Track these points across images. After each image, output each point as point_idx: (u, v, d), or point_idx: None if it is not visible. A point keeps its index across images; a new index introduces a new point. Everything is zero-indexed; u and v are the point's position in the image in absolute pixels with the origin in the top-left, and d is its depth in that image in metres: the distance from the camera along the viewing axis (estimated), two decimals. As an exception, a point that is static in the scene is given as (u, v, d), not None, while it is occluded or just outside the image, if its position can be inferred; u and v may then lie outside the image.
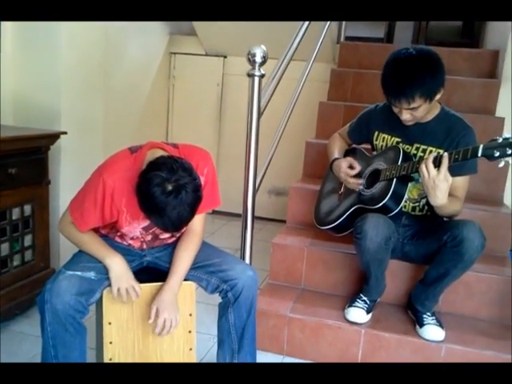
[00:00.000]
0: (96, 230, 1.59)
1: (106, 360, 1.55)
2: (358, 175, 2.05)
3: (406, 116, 1.84)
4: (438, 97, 1.81)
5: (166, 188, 1.33)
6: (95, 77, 2.71)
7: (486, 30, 3.76)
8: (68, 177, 2.51)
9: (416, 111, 1.81)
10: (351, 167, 2.05)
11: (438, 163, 1.69)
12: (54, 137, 2.21)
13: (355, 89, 3.18)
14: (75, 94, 2.54)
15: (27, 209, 2.13)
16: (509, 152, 1.55)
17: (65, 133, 2.24)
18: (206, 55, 3.92)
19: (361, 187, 2.02)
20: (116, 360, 1.56)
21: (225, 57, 3.88)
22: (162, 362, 1.62)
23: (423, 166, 1.70)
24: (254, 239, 2.09)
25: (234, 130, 3.95)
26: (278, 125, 2.53)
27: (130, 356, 1.58)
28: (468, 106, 2.06)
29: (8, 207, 2.03)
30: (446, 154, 1.69)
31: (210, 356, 1.98)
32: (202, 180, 1.52)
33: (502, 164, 1.58)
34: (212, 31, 3.62)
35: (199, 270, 1.64)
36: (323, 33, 2.94)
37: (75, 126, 2.51)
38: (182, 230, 1.59)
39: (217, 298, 1.69)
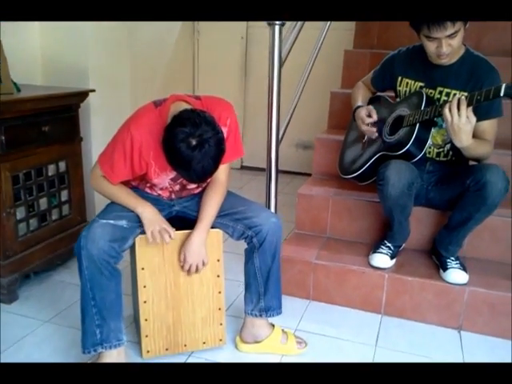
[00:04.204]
0: (127, 183, 1.66)
1: (141, 303, 1.66)
2: (380, 121, 2.05)
3: (446, 48, 1.78)
4: (467, 25, 1.77)
5: (191, 143, 1.38)
6: (120, 34, 2.74)
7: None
8: (98, 134, 2.59)
9: (454, 39, 1.76)
10: (369, 116, 2.06)
11: (459, 106, 1.68)
12: (84, 94, 2.27)
13: (382, 35, 3.12)
14: (102, 51, 2.59)
15: (62, 165, 2.23)
16: (534, 91, 1.53)
17: (93, 90, 2.30)
18: (230, 8, 3.87)
19: (376, 134, 2.03)
20: (150, 303, 1.66)
21: (248, 8, 3.83)
22: (193, 304, 1.72)
23: (446, 110, 1.70)
24: (281, 192, 2.15)
25: (260, 84, 3.91)
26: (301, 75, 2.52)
27: (163, 299, 1.68)
28: (500, 49, 2.00)
29: (44, 164, 2.13)
30: (463, 97, 1.68)
31: (239, 301, 2.07)
32: (225, 131, 1.56)
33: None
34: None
35: (225, 217, 1.70)
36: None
37: (103, 83, 2.57)
38: (208, 181, 1.65)
39: (243, 247, 1.77)
